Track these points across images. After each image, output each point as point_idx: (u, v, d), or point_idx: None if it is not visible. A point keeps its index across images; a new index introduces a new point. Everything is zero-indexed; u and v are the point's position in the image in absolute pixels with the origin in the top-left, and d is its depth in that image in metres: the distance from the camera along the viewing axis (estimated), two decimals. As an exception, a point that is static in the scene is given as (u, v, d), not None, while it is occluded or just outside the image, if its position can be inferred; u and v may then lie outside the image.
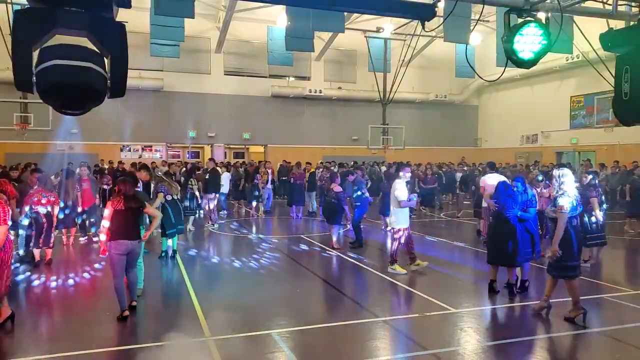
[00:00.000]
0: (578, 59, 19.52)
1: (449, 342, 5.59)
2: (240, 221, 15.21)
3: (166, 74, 24.14)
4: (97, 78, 2.47)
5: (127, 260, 6.09)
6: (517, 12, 3.84)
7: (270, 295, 7.40)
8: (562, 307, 6.43)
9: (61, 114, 2.71)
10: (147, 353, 5.22)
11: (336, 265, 9.60)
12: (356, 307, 7.00)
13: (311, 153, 25.33)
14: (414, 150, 26.17)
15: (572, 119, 24.16)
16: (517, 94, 26.63)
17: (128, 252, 6.04)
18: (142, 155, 24.73)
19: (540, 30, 3.70)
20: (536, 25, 3.68)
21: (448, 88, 28.57)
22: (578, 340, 5.77)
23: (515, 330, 6.08)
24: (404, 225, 8.52)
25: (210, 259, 9.88)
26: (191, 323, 6.00)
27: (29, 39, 2.41)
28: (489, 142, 29.74)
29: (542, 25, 3.71)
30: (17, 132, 20.21)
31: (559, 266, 6.00)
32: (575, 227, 6.01)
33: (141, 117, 23.07)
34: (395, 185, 8.53)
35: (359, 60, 27.04)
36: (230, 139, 26.55)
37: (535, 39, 3.70)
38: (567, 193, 5.89)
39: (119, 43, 2.56)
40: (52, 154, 18.45)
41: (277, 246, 11.12)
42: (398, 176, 8.82)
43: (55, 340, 5.58)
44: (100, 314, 6.34)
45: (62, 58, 2.39)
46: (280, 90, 26.41)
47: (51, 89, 2.43)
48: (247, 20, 23.85)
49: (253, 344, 5.41)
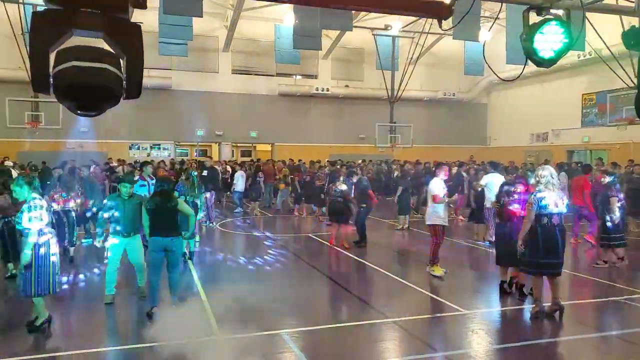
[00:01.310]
0: (590, 56, 19.29)
1: (459, 344, 5.56)
2: (249, 219, 15.22)
3: (174, 73, 24.23)
4: (113, 79, 2.46)
5: (168, 259, 6.16)
6: (536, 10, 3.77)
7: (279, 295, 7.39)
8: (575, 309, 6.38)
9: (77, 115, 2.70)
10: (157, 352, 5.22)
11: (345, 265, 9.58)
12: (366, 307, 6.97)
13: (318, 151, 25.30)
14: (422, 148, 26.05)
15: (584, 117, 23.91)
16: (527, 92, 26.40)
17: (165, 249, 6.09)
18: (150, 153, 24.83)
19: (561, 29, 3.62)
20: (557, 23, 3.61)
21: (457, 86, 28.42)
22: (591, 343, 5.71)
23: (527, 332, 6.03)
24: (440, 222, 8.25)
25: (219, 258, 9.88)
26: (201, 322, 6.00)
27: (46, 40, 2.40)
28: (498, 140, 29.55)
29: (563, 23, 3.63)
30: (28, 131, 20.38)
31: (524, 261, 6.30)
32: (544, 226, 6.04)
33: (150, 115, 23.18)
34: (432, 182, 8.40)
35: (366, 58, 26.98)
36: (238, 137, 26.61)
37: (556, 37, 3.61)
38: (542, 191, 6.03)
39: (135, 44, 2.55)
40: (63, 152, 18.59)
41: (285, 245, 11.12)
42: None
43: (66, 339, 5.60)
44: (111, 311, 6.37)
45: (78, 59, 2.38)
46: (287, 88, 26.41)
47: (68, 90, 2.42)
48: (255, 19, 23.87)
49: (263, 343, 5.41)
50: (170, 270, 6.25)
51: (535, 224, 6.10)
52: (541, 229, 6.06)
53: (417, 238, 12.26)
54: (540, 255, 6.07)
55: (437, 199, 8.11)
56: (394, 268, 9.21)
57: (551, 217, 6.04)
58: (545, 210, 6.04)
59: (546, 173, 6.13)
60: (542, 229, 6.06)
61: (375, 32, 24.40)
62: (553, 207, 6.05)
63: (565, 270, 7.18)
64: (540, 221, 6.07)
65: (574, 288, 8.00)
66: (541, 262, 6.08)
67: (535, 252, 6.10)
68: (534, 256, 6.12)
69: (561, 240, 6.12)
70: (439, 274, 8.20)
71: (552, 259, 6.08)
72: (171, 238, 6.13)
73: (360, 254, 10.14)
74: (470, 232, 12.13)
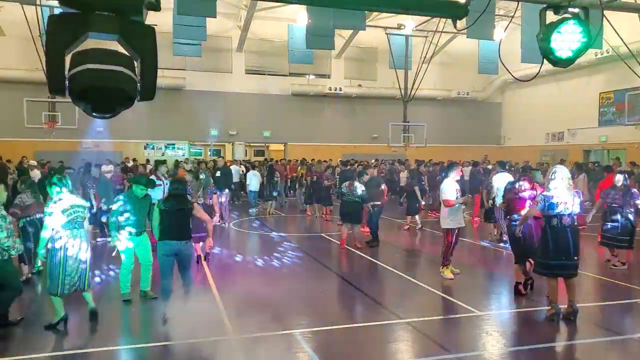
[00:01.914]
0: (608, 53, 18.97)
1: (473, 346, 5.51)
2: (261, 219, 15.27)
3: (188, 73, 24.40)
4: (128, 81, 2.49)
5: (179, 262, 6.10)
6: (554, 9, 3.70)
7: (292, 295, 7.40)
8: (592, 311, 6.29)
9: (92, 117, 2.73)
10: (170, 351, 5.26)
11: (358, 265, 9.56)
12: (378, 308, 6.95)
13: (331, 151, 25.31)
14: (436, 148, 25.91)
15: (601, 116, 23.54)
16: (543, 91, 26.09)
17: (176, 253, 6.02)
18: (165, 152, 25.06)
19: (579, 28, 3.55)
20: (575, 22, 3.54)
21: (471, 85, 28.20)
22: (608, 346, 5.63)
23: (541, 335, 5.95)
24: (454, 225, 8.12)
25: (231, 257, 9.92)
26: (215, 322, 6.02)
27: (62, 43, 2.44)
28: (512, 140, 29.26)
29: (581, 22, 3.56)
30: (45, 131, 20.68)
31: (536, 262, 6.30)
32: (553, 227, 5.96)
33: (164, 115, 23.37)
34: (443, 184, 8.26)
35: (379, 58, 26.89)
36: (251, 137, 26.73)
37: (574, 36, 3.54)
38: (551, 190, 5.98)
39: (149, 47, 2.58)
40: (79, 152, 18.86)
41: (297, 245, 11.13)
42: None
43: (79, 337, 5.67)
44: (126, 310, 6.43)
45: (93, 62, 2.41)
46: (300, 88, 26.44)
47: (83, 93, 2.45)
48: (268, 19, 23.94)
49: (275, 343, 5.41)
50: (183, 273, 6.19)
51: (545, 224, 6.05)
52: (551, 230, 5.99)
53: (430, 238, 12.20)
54: (551, 257, 6.00)
55: (449, 203, 7.97)
56: (406, 268, 9.18)
57: (561, 217, 5.94)
58: (554, 211, 5.94)
59: (557, 174, 6.03)
60: (551, 230, 5.98)
61: (388, 31, 24.29)
62: (563, 208, 5.94)
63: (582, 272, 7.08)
64: (550, 222, 6.00)
65: (590, 289, 7.89)
66: (552, 263, 6.00)
67: (546, 254, 6.04)
68: (545, 257, 6.06)
69: (573, 240, 6.00)
70: (449, 277, 8.12)
71: (564, 260, 5.98)
72: (184, 242, 6.06)
73: (372, 254, 10.11)
74: (485, 232, 12.03)
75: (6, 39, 21.77)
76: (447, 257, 8.21)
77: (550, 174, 6.15)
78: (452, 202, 7.95)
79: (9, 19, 20.41)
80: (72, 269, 5.63)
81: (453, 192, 8.03)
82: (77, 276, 5.68)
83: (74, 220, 5.74)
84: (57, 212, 5.59)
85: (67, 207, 5.70)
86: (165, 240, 5.98)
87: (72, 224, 5.69)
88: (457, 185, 8.22)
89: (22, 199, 7.57)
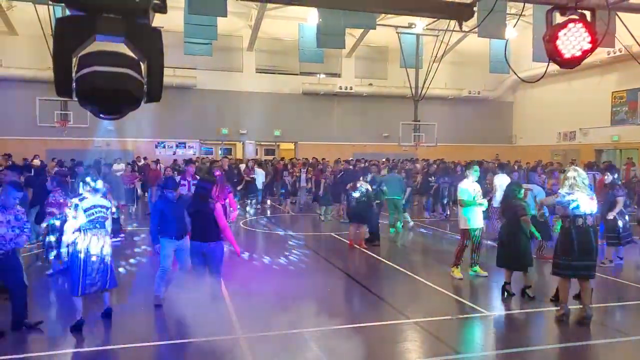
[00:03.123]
0: (620, 52, 18.77)
1: (481, 346, 5.50)
2: (269, 218, 15.31)
3: (199, 72, 24.49)
4: (134, 84, 2.51)
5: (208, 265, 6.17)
6: (560, 10, 3.67)
7: (300, 294, 7.41)
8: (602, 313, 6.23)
9: (99, 118, 2.76)
10: (179, 350, 5.30)
11: (366, 265, 9.55)
12: (387, 307, 6.94)
13: (341, 150, 25.30)
14: (447, 147, 25.80)
15: (614, 115, 23.28)
16: (554, 90, 25.84)
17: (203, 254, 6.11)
18: (176, 151, 25.21)
19: (585, 29, 3.52)
20: (581, 24, 3.51)
21: (482, 84, 28.01)
22: (614, 347, 5.58)
23: (550, 336, 5.92)
24: (469, 226, 8.13)
25: (239, 256, 9.93)
26: (223, 321, 6.05)
27: (69, 46, 2.46)
28: (524, 139, 29.04)
29: (587, 23, 3.53)
30: (57, 130, 20.91)
31: (556, 264, 6.16)
32: (579, 227, 5.90)
33: (175, 114, 23.51)
34: (460, 184, 8.33)
35: (390, 57, 26.80)
36: (262, 136, 26.78)
37: (580, 38, 3.52)
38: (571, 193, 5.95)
39: (155, 49, 2.59)
40: (90, 150, 19.06)
41: (306, 244, 11.14)
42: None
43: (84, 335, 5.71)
44: (135, 308, 6.49)
45: (100, 64, 2.43)
46: (311, 87, 26.46)
47: (90, 95, 2.48)
48: (279, 18, 23.96)
49: (284, 342, 5.43)
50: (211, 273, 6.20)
51: (569, 225, 5.96)
52: (576, 231, 5.91)
53: (439, 238, 12.15)
54: (574, 257, 5.91)
55: (463, 203, 8.06)
56: (415, 268, 9.15)
57: (586, 218, 5.92)
58: (579, 211, 5.89)
59: (574, 174, 6.03)
60: (577, 230, 5.91)
61: (399, 30, 24.21)
62: (587, 208, 5.92)
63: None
64: (575, 222, 5.92)
65: (599, 290, 7.81)
66: (574, 264, 5.93)
67: (569, 254, 5.94)
68: (568, 258, 5.96)
69: (595, 241, 6.01)
70: (459, 277, 8.12)
71: (587, 260, 5.94)
72: (209, 243, 6.04)
73: (380, 253, 10.10)
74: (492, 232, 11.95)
75: (19, 38, 22.03)
76: (460, 257, 8.23)
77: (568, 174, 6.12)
78: (466, 202, 8.01)
79: (21, 18, 20.66)
80: (91, 269, 5.65)
81: (469, 194, 8.04)
82: (97, 276, 5.68)
83: (95, 220, 5.74)
84: (79, 212, 5.65)
85: (88, 207, 5.73)
86: (191, 240, 6.13)
87: (92, 223, 5.71)
88: (476, 186, 8.24)
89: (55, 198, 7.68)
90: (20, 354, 5.15)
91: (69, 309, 5.88)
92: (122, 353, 5.35)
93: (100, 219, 5.81)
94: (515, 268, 7.04)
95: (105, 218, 5.91)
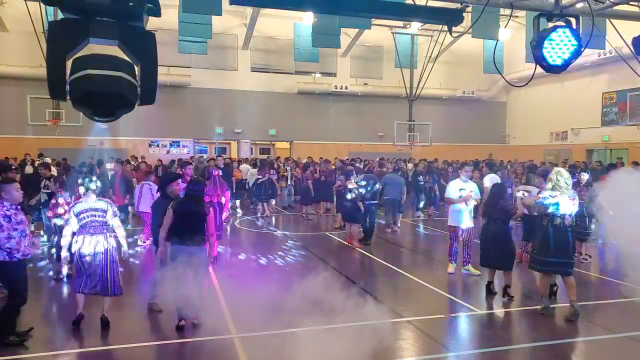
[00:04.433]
0: (610, 54, 18.98)
1: (474, 344, 5.56)
2: (262, 218, 15.32)
3: (194, 71, 24.45)
4: (128, 87, 2.54)
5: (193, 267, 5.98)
6: (546, 17, 3.75)
7: (294, 293, 7.42)
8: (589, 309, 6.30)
9: (93, 120, 2.79)
10: (173, 349, 5.33)
11: (360, 263, 9.60)
12: (380, 306, 6.97)
13: (337, 149, 25.34)
14: (441, 146, 25.90)
15: (604, 116, 23.50)
16: (547, 91, 26.01)
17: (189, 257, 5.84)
18: (170, 150, 25.16)
19: (570, 35, 3.60)
20: (566, 30, 3.58)
21: (476, 84, 28.12)
22: (605, 344, 5.67)
23: (541, 333, 5.98)
24: (456, 224, 8.38)
25: (235, 255, 9.98)
26: (217, 320, 6.07)
27: (63, 49, 2.48)
28: (517, 139, 29.21)
29: (572, 30, 3.60)
30: (49, 128, 20.75)
31: (533, 259, 6.50)
32: (556, 227, 6.13)
33: (169, 113, 23.44)
34: (449, 183, 8.73)
35: (385, 56, 26.86)
36: (257, 135, 26.76)
37: (566, 44, 3.60)
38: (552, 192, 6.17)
39: (149, 52, 2.62)
40: (83, 149, 18.97)
41: (300, 243, 11.17)
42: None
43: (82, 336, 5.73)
44: (128, 308, 6.51)
45: (94, 68, 2.46)
46: (306, 86, 26.46)
47: (83, 98, 2.51)
48: (274, 17, 23.94)
49: (278, 341, 5.46)
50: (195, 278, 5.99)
51: (547, 223, 6.20)
52: (553, 230, 6.15)
53: (432, 237, 12.22)
54: (550, 254, 6.17)
55: (448, 201, 8.45)
56: (408, 267, 9.22)
57: (564, 217, 6.13)
58: (557, 211, 6.12)
59: (557, 176, 6.24)
60: (554, 229, 6.15)
61: (394, 30, 24.27)
62: (565, 208, 6.12)
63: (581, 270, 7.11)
64: (553, 221, 6.16)
65: (587, 287, 7.90)
66: (550, 260, 6.18)
67: (545, 251, 6.20)
68: (544, 255, 6.21)
69: (572, 240, 6.26)
70: (449, 271, 8.43)
71: (563, 258, 6.18)
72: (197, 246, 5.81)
73: (374, 252, 10.15)
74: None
75: (9, 34, 21.71)
76: (451, 254, 8.48)
77: (551, 176, 6.33)
78: (452, 200, 8.32)
79: (12, 15, 20.42)
80: (92, 271, 5.59)
81: (455, 192, 8.31)
82: (96, 279, 5.61)
83: (88, 225, 5.60)
84: (72, 216, 5.64)
85: (79, 211, 5.64)
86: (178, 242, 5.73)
87: (85, 228, 5.59)
88: (465, 185, 8.39)
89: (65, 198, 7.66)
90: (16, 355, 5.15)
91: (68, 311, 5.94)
92: (116, 354, 5.36)
93: (93, 223, 5.64)
94: (498, 267, 7.13)
95: (103, 222, 5.71)
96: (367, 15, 3.50)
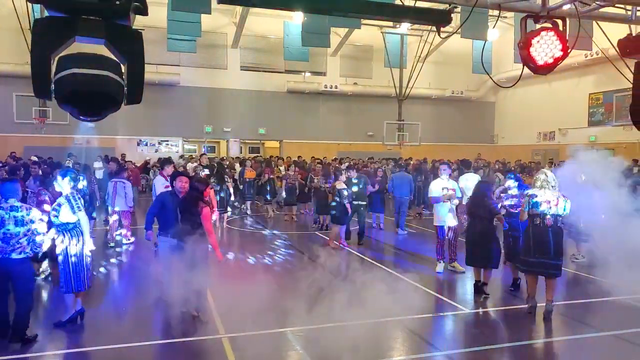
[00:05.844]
0: (597, 55, 19.19)
1: (462, 343, 5.59)
2: (252, 217, 15.29)
3: (183, 69, 24.31)
4: (114, 86, 2.51)
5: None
6: (533, 18, 3.78)
7: (283, 293, 7.43)
8: (575, 308, 6.36)
9: (79, 120, 2.76)
10: (161, 350, 5.30)
11: (349, 263, 9.60)
12: (369, 305, 6.99)
13: (326, 149, 25.35)
14: (430, 146, 26.01)
15: (591, 116, 23.80)
16: (535, 91, 26.25)
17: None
18: (158, 149, 25.00)
19: (557, 37, 3.64)
20: (553, 32, 3.61)
21: (465, 84, 28.30)
22: (592, 343, 5.72)
23: (530, 331, 6.05)
24: (442, 223, 8.51)
25: (224, 255, 9.91)
26: (206, 320, 6.05)
27: (48, 47, 2.45)
28: (505, 139, 29.47)
29: (559, 31, 3.64)
30: (36, 126, 20.51)
31: (518, 259, 6.58)
32: (536, 226, 6.18)
33: (158, 111, 23.29)
34: (432, 183, 8.80)
35: (375, 56, 26.90)
36: (246, 134, 26.69)
37: (552, 45, 3.64)
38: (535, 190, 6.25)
39: (136, 51, 2.60)
40: (70, 148, 18.76)
41: (289, 243, 11.16)
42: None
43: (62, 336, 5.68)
44: (120, 309, 6.46)
45: (79, 67, 2.43)
46: (296, 85, 26.43)
47: (69, 97, 2.48)
48: (264, 16, 23.87)
49: (267, 342, 5.45)
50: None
51: (529, 223, 6.26)
52: (533, 229, 6.21)
53: (420, 237, 12.27)
54: (531, 254, 6.21)
55: (431, 200, 8.60)
56: (397, 266, 9.24)
57: (544, 217, 6.13)
58: (537, 210, 6.15)
59: (542, 175, 6.34)
60: (534, 228, 6.21)
61: (384, 30, 24.33)
62: (546, 208, 6.11)
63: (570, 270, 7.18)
64: (533, 221, 6.22)
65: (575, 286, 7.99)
66: (531, 260, 6.22)
67: (527, 251, 6.27)
68: (526, 255, 6.29)
69: (554, 241, 6.13)
70: (437, 270, 8.54)
71: (544, 259, 6.14)
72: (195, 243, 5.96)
73: (364, 252, 10.17)
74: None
75: (-5, 31, 21.47)
76: (439, 253, 8.61)
77: (537, 176, 6.42)
78: (437, 199, 8.43)
79: (-3, 10, 20.14)
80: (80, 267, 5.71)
81: (438, 191, 8.43)
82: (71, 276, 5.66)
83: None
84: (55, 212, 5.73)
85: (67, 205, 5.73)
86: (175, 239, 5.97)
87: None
88: (448, 184, 8.47)
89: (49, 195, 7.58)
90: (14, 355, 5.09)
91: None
92: (100, 355, 5.32)
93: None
94: (484, 266, 7.19)
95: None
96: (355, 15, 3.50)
